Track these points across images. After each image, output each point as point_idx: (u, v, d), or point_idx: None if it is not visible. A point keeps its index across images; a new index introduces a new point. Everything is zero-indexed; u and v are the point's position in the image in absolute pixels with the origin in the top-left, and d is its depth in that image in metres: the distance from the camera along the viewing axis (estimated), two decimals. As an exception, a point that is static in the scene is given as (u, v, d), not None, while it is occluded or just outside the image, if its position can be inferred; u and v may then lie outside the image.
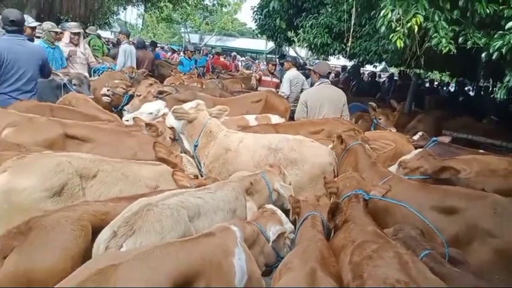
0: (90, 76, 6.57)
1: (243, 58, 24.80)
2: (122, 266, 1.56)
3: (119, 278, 1.51)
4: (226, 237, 2.03)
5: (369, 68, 17.63)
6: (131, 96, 5.33)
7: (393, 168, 3.34)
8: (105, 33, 22.92)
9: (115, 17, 21.57)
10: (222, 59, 13.30)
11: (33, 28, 5.76)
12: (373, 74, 14.42)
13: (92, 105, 4.66)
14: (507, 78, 3.47)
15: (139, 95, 5.07)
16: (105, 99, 5.15)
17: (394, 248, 2.01)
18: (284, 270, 1.93)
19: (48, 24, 6.34)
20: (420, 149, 3.38)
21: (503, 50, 3.30)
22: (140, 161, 3.07)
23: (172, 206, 2.16)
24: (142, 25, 31.46)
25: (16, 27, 4.29)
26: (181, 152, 3.79)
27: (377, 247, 2.01)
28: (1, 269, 1.81)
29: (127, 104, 5.24)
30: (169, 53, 20.32)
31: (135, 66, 7.83)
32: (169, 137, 3.97)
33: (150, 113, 4.58)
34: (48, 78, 4.97)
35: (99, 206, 2.25)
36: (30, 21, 5.67)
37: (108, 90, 5.23)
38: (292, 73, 7.19)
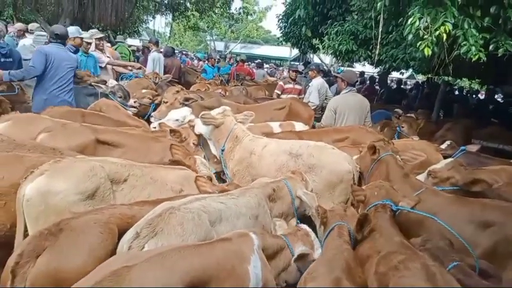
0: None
1: (267, 65, 24.88)
2: (136, 267, 1.60)
3: (132, 278, 1.55)
4: (242, 243, 2.04)
5: (395, 74, 17.32)
6: (158, 105, 5.46)
7: (422, 177, 3.25)
8: (134, 41, 23.63)
9: (144, 26, 22.19)
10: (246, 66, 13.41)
11: (82, 38, 6.34)
12: (399, 81, 14.15)
13: (122, 111, 4.82)
14: (538, 86, 3.34)
15: (166, 102, 5.19)
16: (132, 110, 5.31)
17: (421, 259, 1.98)
18: (309, 279, 1.93)
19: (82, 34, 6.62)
20: (450, 159, 3.25)
21: (536, 58, 3.19)
22: (166, 166, 3.15)
23: (194, 210, 2.21)
24: (170, 33, 32.18)
25: (60, 39, 5.11)
26: (204, 157, 3.89)
27: (403, 258, 1.98)
28: (34, 268, 1.89)
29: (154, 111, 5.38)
30: (195, 61, 20.69)
31: (162, 74, 8.03)
32: (193, 143, 4.05)
33: (177, 120, 4.68)
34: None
35: (125, 210, 2.33)
36: (81, 32, 6.36)
37: (135, 102, 5.38)
38: (319, 81, 7.19)
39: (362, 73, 15.77)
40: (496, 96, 13.18)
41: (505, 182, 3.33)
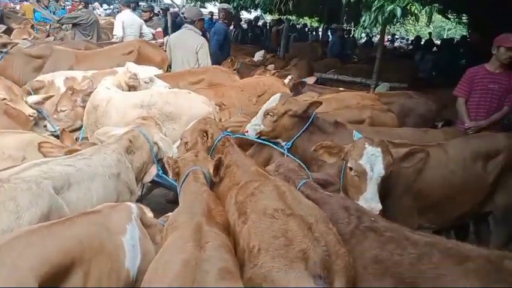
0: None
1: (109, 7, 22.24)
2: None
3: None
4: (114, 214, 1.82)
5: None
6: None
7: (259, 119, 3.05)
8: None
9: None
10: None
11: None
12: (249, 22, 14.55)
13: None
14: (363, 19, 3.82)
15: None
16: None
17: (273, 182, 2.12)
18: (170, 229, 1.84)
19: None
20: (278, 94, 3.18)
21: (359, -7, 3.58)
22: (3, 130, 2.69)
23: (30, 178, 1.91)
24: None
25: None
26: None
27: (258, 184, 2.09)
28: None
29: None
30: (17, 2, 17.06)
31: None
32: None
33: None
34: None
35: None
36: None
37: None
38: (125, 15, 6.89)
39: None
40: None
41: (333, 108, 3.94)
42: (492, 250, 1.55)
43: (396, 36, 22.86)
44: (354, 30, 11.44)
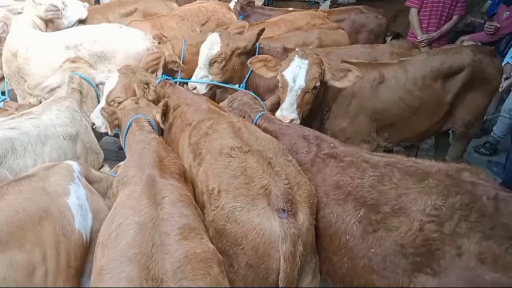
0: None
1: None
2: None
3: None
4: (52, 175, 1.61)
5: None
6: None
7: (204, 72, 2.85)
8: None
9: None
10: None
11: None
12: None
13: None
14: None
15: None
16: None
17: (227, 119, 2.01)
18: (120, 186, 1.67)
19: None
20: (215, 35, 2.86)
21: None
22: None
23: None
24: None
25: None
26: None
27: (211, 123, 1.97)
28: None
29: None
30: None
31: None
32: None
33: None
34: None
35: None
36: None
37: None
38: None
39: None
40: None
41: (284, 31, 3.75)
42: (450, 164, 1.56)
43: None
44: None
